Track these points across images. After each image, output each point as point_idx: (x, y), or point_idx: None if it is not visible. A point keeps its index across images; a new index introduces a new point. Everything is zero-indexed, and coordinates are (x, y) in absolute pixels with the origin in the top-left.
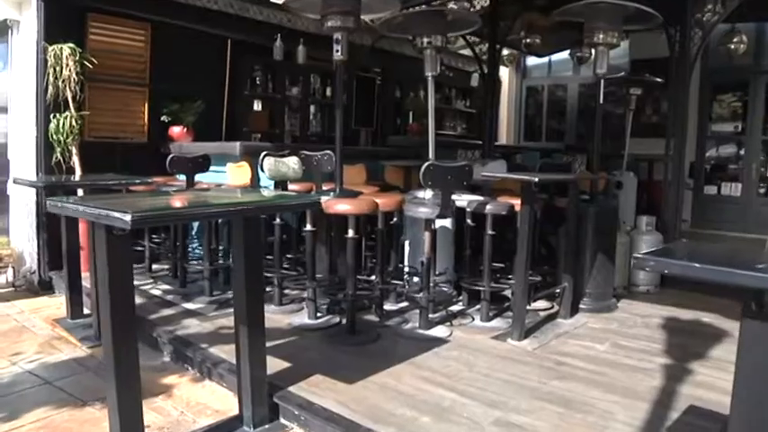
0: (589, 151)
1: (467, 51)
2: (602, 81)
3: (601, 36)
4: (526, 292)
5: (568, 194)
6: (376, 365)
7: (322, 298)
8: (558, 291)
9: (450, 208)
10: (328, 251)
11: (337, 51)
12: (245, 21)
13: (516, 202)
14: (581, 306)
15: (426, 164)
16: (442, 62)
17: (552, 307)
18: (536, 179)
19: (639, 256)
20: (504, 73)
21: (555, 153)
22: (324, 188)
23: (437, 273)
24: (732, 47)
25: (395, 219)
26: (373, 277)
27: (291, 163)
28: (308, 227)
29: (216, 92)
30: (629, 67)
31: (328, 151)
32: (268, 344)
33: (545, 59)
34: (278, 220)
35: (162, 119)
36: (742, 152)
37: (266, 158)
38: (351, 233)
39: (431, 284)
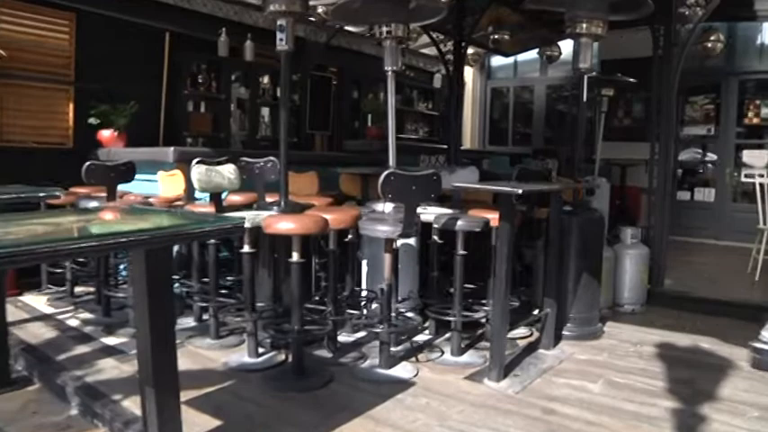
0: (560, 156)
1: (428, 50)
2: (585, 78)
3: (584, 26)
4: (506, 325)
5: (550, 205)
6: (326, 421)
7: (266, 330)
8: (539, 317)
9: (414, 225)
10: (272, 274)
11: (281, 41)
12: (186, 12)
13: (492, 217)
14: (564, 333)
15: (386, 173)
16: (403, 61)
17: (531, 334)
18: (519, 191)
19: None
20: (468, 74)
21: (525, 158)
22: (268, 200)
23: (400, 299)
24: (709, 45)
25: (350, 236)
26: (325, 306)
27: (227, 172)
28: (246, 247)
29: (152, 91)
30: (598, 67)
31: (272, 158)
32: (197, 392)
33: (510, 60)
34: (211, 240)
35: (90, 121)
36: (714, 156)
37: (196, 167)
38: (295, 257)
39: (392, 314)
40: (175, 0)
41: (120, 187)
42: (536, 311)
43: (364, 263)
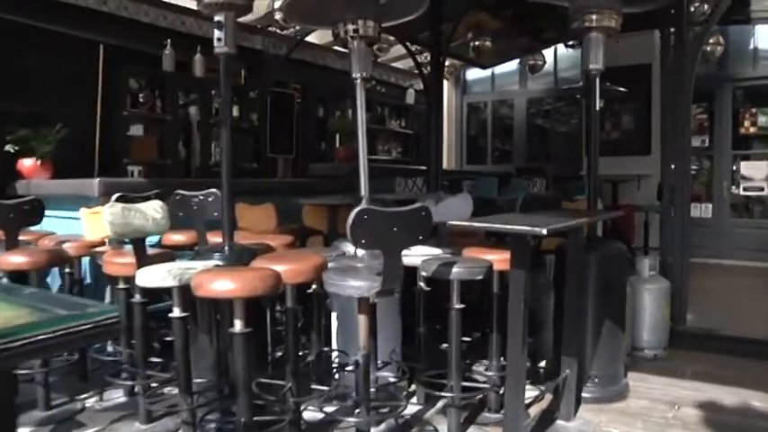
0: (548, 174)
1: (400, 64)
2: (597, 80)
3: (594, 18)
4: (522, 404)
5: (568, 238)
6: None
7: (205, 422)
8: (557, 381)
9: (398, 279)
10: (214, 341)
11: (220, 41)
12: (124, 22)
13: (494, 258)
14: (584, 395)
15: (357, 210)
16: (373, 75)
17: (541, 396)
18: (545, 231)
19: None
20: (443, 88)
21: (513, 178)
22: (214, 240)
23: (380, 365)
24: (708, 48)
25: (314, 286)
26: (284, 381)
27: (152, 210)
28: (175, 311)
29: (84, 113)
30: (582, 77)
31: (214, 190)
32: None
33: (487, 73)
34: (137, 296)
35: (6, 149)
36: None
37: (110, 207)
38: (238, 326)
39: (371, 389)
40: (111, 7)
41: (45, 226)
42: (543, 363)
43: (334, 316)
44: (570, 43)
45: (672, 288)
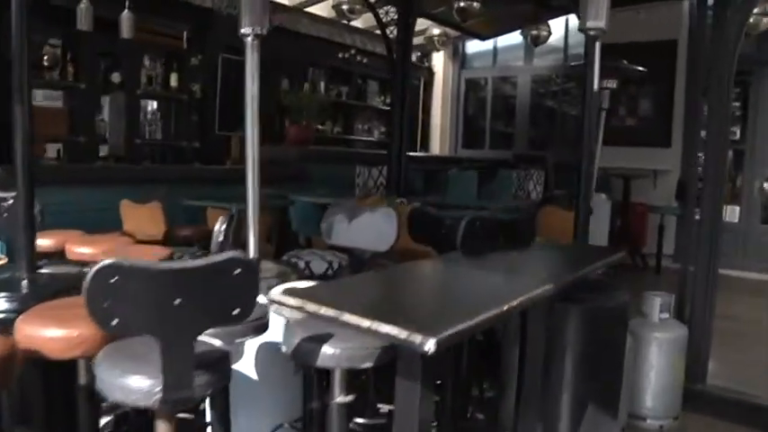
0: (548, 164)
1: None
2: (598, 44)
3: None
4: None
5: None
6: None
7: None
8: None
9: (189, 382)
10: None
11: None
12: None
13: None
14: None
15: (96, 268)
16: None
17: None
18: (428, 346)
19: None
20: (438, 61)
21: (500, 168)
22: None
23: None
24: (752, 20)
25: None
26: None
27: None
28: None
29: None
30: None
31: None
32: None
33: (489, 45)
34: None
35: None
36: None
37: None
38: None
39: None
40: None
41: None
42: None
43: None
44: None
45: (692, 339)
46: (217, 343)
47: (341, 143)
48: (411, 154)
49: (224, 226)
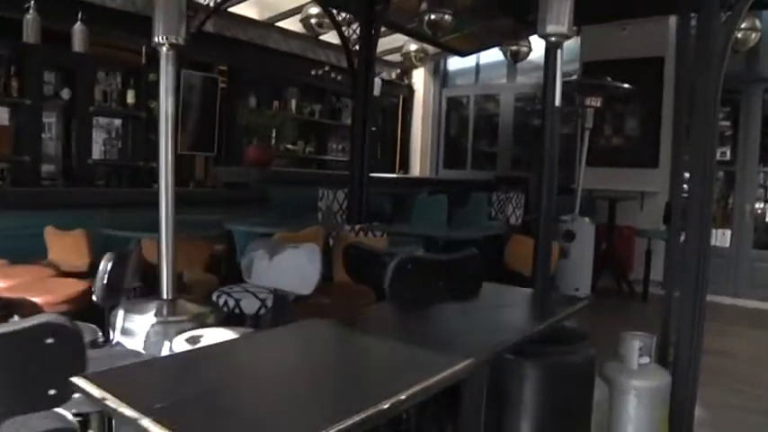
0: (529, 186)
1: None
2: (559, 53)
3: None
4: None
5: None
6: None
7: None
8: None
9: None
10: None
11: None
12: None
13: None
14: None
15: None
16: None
17: None
18: None
19: None
20: (419, 78)
21: (474, 191)
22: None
23: None
24: (740, 35)
25: None
26: None
27: None
28: None
29: None
30: (580, 71)
31: None
32: None
33: (471, 62)
34: None
35: None
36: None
37: None
38: None
39: None
40: None
41: None
42: None
43: None
44: None
45: (674, 380)
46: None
47: (312, 163)
48: (379, 175)
49: (110, 265)
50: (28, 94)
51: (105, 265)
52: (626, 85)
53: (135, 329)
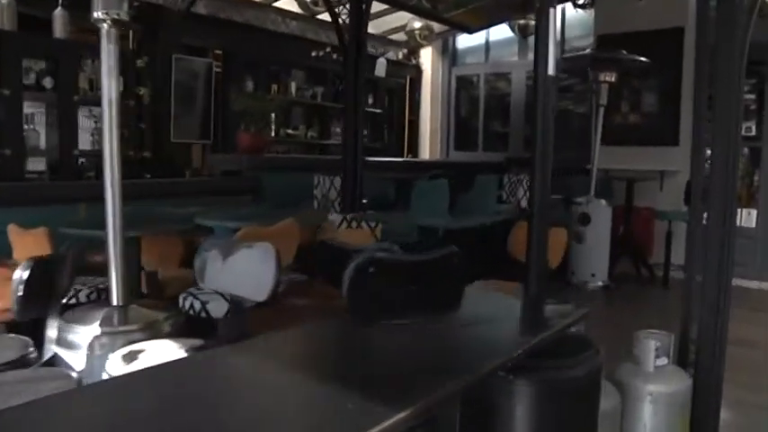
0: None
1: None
2: (553, 11)
3: None
4: None
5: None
6: None
7: None
8: None
9: None
10: None
11: None
12: None
13: None
14: None
15: None
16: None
17: None
18: None
19: None
20: (427, 58)
21: (484, 174)
22: None
23: None
24: None
25: None
26: None
27: None
28: None
29: None
30: (594, 45)
31: None
32: None
33: (481, 40)
34: None
35: None
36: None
37: None
38: None
39: None
40: None
41: None
42: None
43: None
44: (580, 2)
45: (696, 382)
46: None
47: (315, 149)
48: (381, 159)
49: (26, 273)
50: (6, 84)
51: (20, 275)
52: (642, 59)
53: (78, 342)
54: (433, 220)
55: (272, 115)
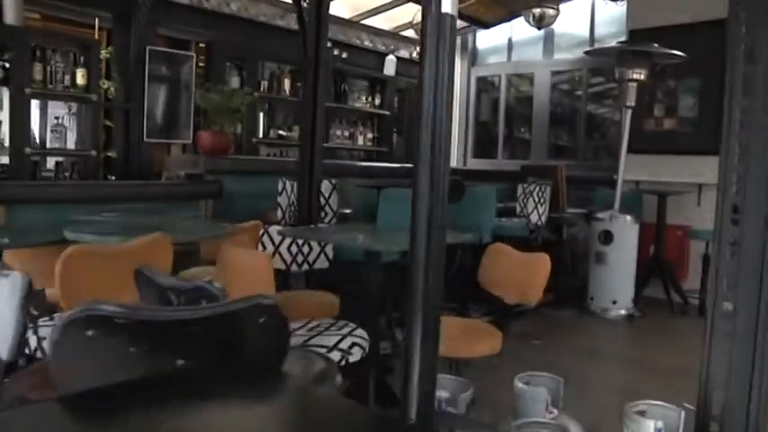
0: (558, 177)
1: (376, 21)
2: None
3: None
4: None
5: None
6: None
7: None
8: None
9: None
10: None
11: None
12: None
13: None
14: None
15: None
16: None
17: None
18: None
19: None
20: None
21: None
22: None
23: None
24: None
25: None
26: None
27: None
28: None
29: None
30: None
31: None
32: None
33: (503, 39)
34: None
35: None
36: None
37: None
38: None
39: None
40: None
41: None
42: None
43: None
44: None
45: None
46: None
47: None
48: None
49: None
50: None
51: None
52: (675, 52)
53: None
54: (375, 242)
55: (261, 114)
